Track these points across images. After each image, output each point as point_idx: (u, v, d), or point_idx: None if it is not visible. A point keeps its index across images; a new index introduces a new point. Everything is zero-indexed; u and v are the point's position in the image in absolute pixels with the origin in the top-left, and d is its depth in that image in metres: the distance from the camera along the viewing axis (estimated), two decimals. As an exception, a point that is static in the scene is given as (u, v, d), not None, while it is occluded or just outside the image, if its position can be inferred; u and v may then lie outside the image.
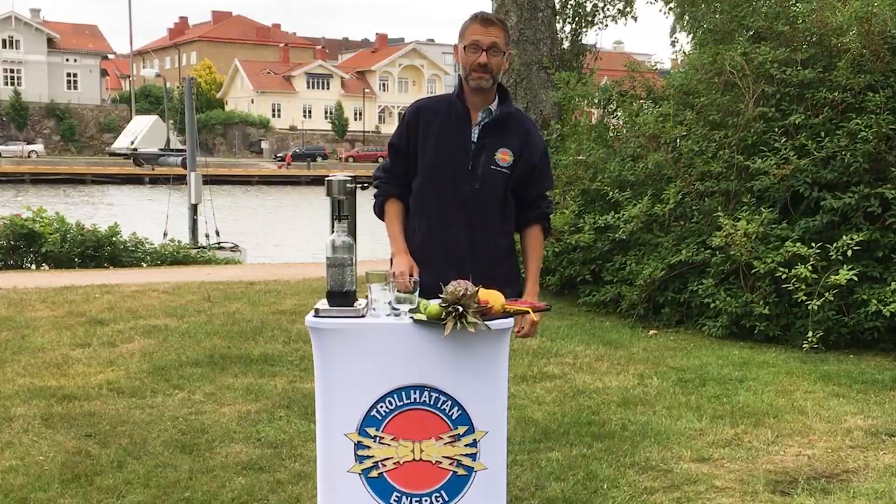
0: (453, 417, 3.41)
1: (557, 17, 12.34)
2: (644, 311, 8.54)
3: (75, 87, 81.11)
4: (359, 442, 3.40)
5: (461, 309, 3.29)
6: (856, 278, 7.31)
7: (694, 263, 8.25)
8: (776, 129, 8.21)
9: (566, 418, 5.64)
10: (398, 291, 3.42)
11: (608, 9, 13.71)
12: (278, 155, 74.80)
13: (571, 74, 11.05)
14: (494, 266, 3.83)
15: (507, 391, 3.51)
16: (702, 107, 9.13)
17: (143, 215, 28.45)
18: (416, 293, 3.46)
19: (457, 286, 3.36)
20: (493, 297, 3.47)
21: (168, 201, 21.60)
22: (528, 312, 3.60)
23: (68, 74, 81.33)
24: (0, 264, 14.52)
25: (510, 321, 3.48)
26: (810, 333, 7.32)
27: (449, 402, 3.41)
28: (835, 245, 7.48)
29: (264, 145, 78.59)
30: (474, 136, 3.85)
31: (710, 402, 6.03)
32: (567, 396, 6.15)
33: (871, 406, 5.96)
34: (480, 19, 3.76)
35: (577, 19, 12.78)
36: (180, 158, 24.15)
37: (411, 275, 3.68)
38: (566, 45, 12.71)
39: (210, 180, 27.66)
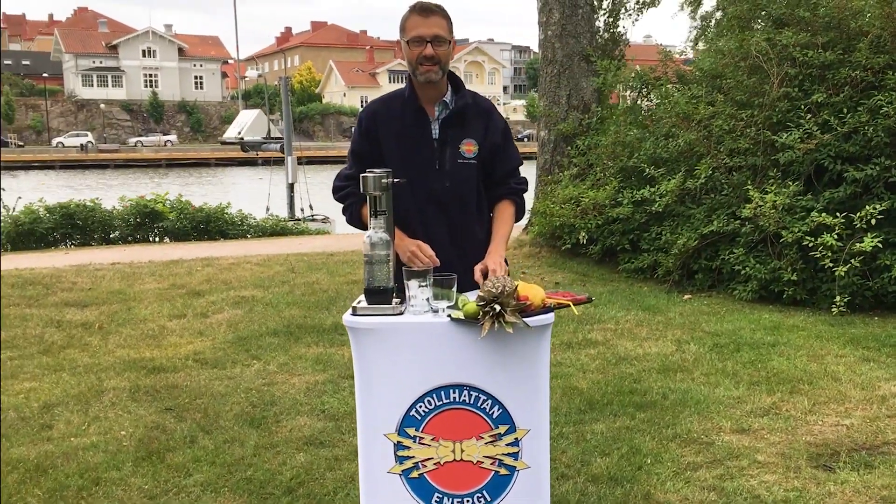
0: (494, 416, 2.73)
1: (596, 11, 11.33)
2: (679, 277, 7.71)
3: (201, 88, 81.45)
4: (398, 442, 2.74)
5: (498, 308, 2.59)
6: (879, 245, 6.43)
7: (724, 233, 7.39)
8: (801, 108, 7.29)
9: (609, 387, 4.91)
10: (424, 282, 2.73)
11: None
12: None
13: (612, 63, 10.15)
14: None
15: (548, 387, 2.81)
16: (728, 88, 8.21)
17: (253, 193, 28.11)
18: (454, 288, 2.77)
19: (495, 282, 2.66)
20: (532, 292, 2.75)
21: (269, 181, 21.12)
22: (568, 306, 2.88)
23: (195, 77, 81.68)
24: (129, 239, 14.22)
25: (550, 316, 2.75)
26: (837, 298, 6.46)
27: (489, 401, 2.72)
28: (858, 214, 6.60)
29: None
30: (435, 133, 3.06)
31: (746, 367, 5.25)
32: (610, 364, 5.41)
33: (903, 371, 5.13)
34: (419, 10, 2.94)
35: (614, 11, 11.69)
36: (279, 145, 23.71)
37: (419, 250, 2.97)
38: (605, 35, 11.62)
39: (309, 161, 27.12)
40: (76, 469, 3.92)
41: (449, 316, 2.70)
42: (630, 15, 11.60)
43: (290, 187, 20.40)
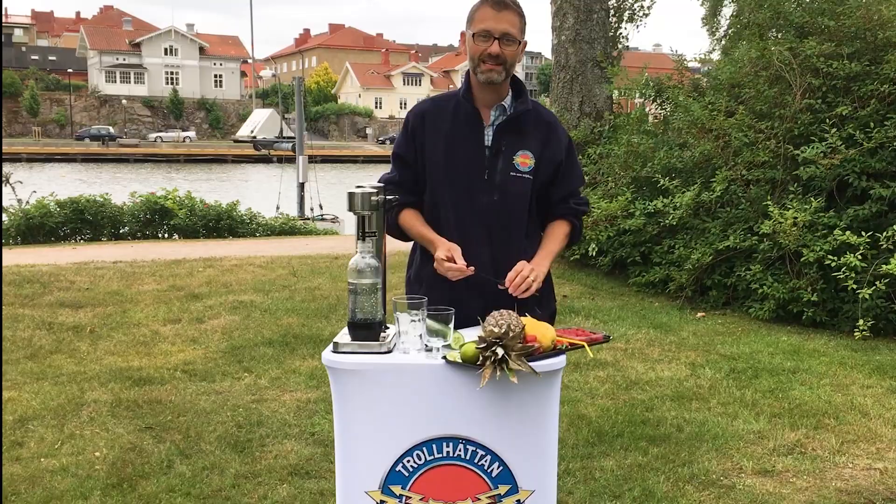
0: (493, 475, 2.29)
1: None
2: (691, 293, 7.22)
3: (220, 86, 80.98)
4: (382, 501, 2.30)
5: (501, 353, 2.15)
6: (906, 267, 5.94)
7: (741, 249, 6.91)
8: (826, 121, 6.79)
9: (620, 416, 4.45)
10: (416, 316, 2.29)
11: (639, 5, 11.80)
12: (380, 139, 73.75)
13: (622, 69, 9.66)
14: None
15: (557, 441, 2.37)
16: (748, 98, 7.72)
17: (266, 191, 27.72)
18: (451, 324, 2.33)
19: (499, 319, 2.22)
20: (541, 331, 2.31)
21: (280, 180, 20.73)
22: (582, 346, 2.42)
23: (215, 76, 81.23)
24: (138, 235, 13.82)
25: (561, 360, 2.31)
26: (861, 321, 5.97)
27: (488, 457, 2.28)
28: (884, 234, 6.11)
29: (368, 131, 77.62)
30: (488, 140, 2.64)
31: (766, 397, 4.78)
32: (620, 388, 4.95)
33: (935, 406, 4.64)
34: (492, 2, 2.54)
35: (617, 15, 11.13)
36: (290, 144, 23.35)
37: (450, 259, 2.51)
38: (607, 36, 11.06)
39: (322, 160, 26.70)
40: (40, 497, 3.50)
41: (444, 357, 2.26)
42: (631, 20, 11.10)
43: (301, 186, 20.00)
